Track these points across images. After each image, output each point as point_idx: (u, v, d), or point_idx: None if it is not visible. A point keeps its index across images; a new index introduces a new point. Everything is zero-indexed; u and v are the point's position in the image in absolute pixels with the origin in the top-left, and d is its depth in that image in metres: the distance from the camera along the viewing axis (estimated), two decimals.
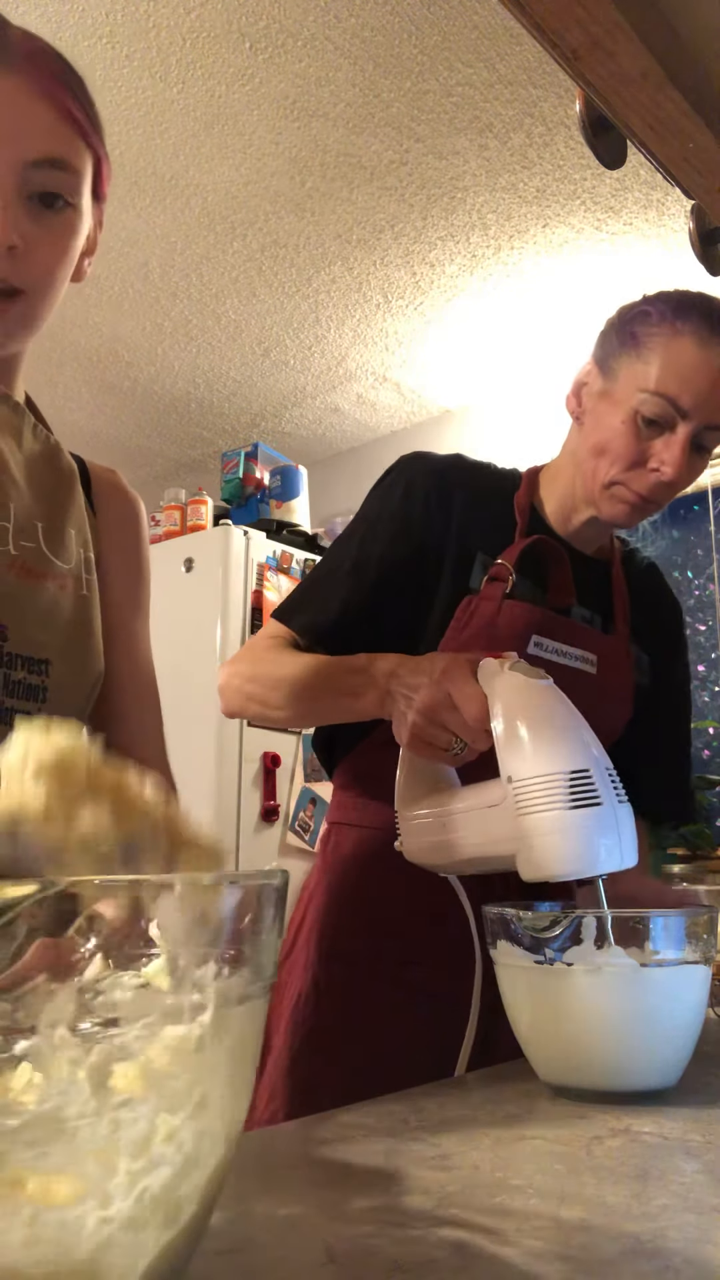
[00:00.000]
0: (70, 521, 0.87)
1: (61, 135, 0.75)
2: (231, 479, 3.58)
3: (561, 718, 0.81)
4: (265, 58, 2.27)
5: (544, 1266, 0.41)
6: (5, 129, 0.72)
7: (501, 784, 0.80)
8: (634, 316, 1.09)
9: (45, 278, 0.77)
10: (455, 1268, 0.41)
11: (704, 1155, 0.57)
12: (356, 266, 3.03)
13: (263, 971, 0.39)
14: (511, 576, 1.07)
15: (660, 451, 1.05)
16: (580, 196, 2.71)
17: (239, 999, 0.37)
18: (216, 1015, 0.35)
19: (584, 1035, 0.71)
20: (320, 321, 3.32)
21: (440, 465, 1.16)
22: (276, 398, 3.83)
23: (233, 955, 0.37)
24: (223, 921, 0.37)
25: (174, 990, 0.35)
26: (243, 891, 0.37)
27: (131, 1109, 0.32)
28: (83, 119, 0.77)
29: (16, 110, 0.72)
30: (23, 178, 0.73)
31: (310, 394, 3.81)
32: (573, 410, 1.15)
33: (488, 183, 2.67)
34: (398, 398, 3.84)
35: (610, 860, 0.76)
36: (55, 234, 0.76)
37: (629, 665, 1.17)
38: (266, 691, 1.06)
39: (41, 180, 0.74)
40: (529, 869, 0.78)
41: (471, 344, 3.45)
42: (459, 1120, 0.66)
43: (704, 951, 0.73)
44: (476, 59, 2.26)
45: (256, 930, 0.38)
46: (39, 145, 0.73)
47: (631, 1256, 0.42)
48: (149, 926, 0.35)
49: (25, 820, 0.39)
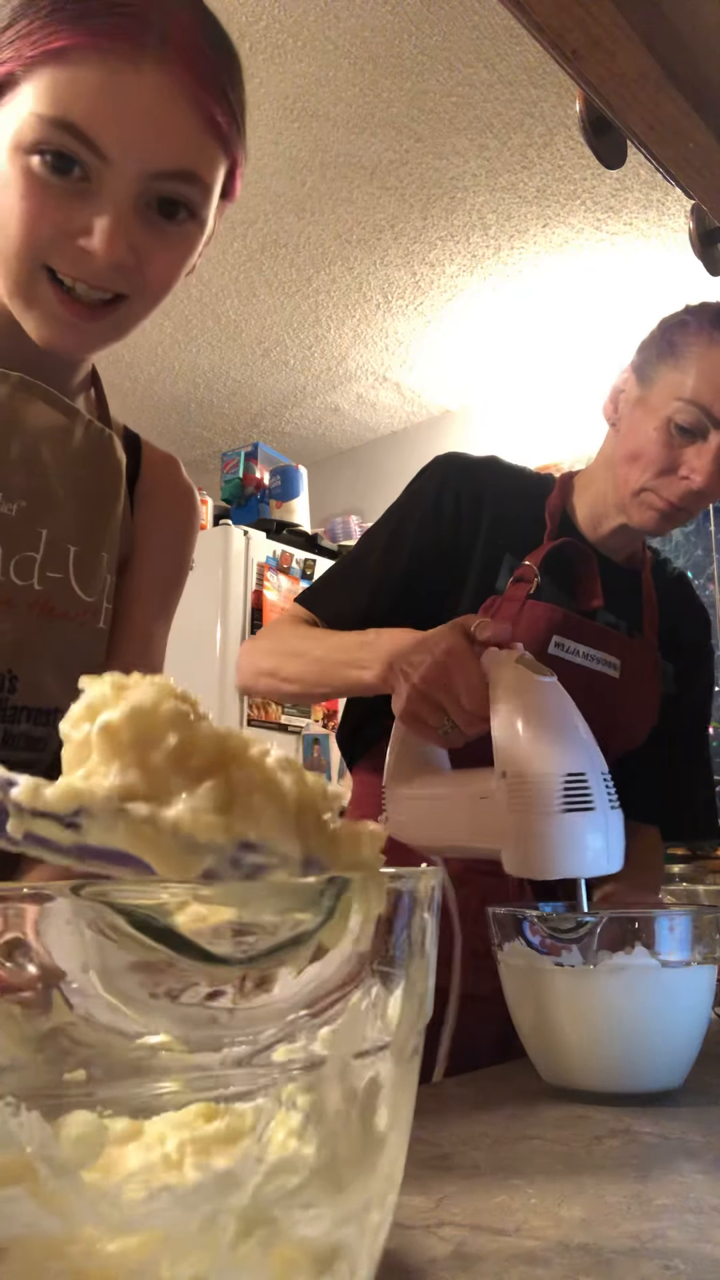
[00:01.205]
0: (105, 543, 0.82)
1: (198, 146, 0.68)
2: (231, 479, 3.58)
3: (562, 717, 0.80)
4: (265, 58, 2.27)
5: (544, 1266, 0.41)
6: (135, 135, 0.64)
7: (495, 776, 0.80)
8: (673, 326, 1.11)
9: (151, 288, 0.72)
10: (455, 1268, 0.41)
11: (704, 1155, 0.57)
12: (356, 266, 3.03)
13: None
14: (537, 578, 1.08)
15: (692, 460, 1.06)
16: (580, 196, 2.71)
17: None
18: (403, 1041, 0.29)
19: (595, 1037, 0.71)
20: (320, 321, 3.32)
21: (475, 465, 1.17)
22: (276, 398, 3.84)
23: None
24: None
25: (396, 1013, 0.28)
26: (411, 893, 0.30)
27: (384, 1152, 0.26)
28: (226, 126, 0.69)
29: (153, 116, 0.64)
30: (145, 187, 0.66)
31: (310, 394, 3.81)
32: (609, 416, 1.16)
33: (488, 183, 2.67)
34: (398, 398, 3.84)
35: (597, 864, 0.76)
36: (170, 245, 0.71)
37: (655, 672, 1.17)
38: (279, 663, 1.07)
39: (166, 191, 0.67)
40: (514, 866, 0.78)
41: (471, 344, 3.45)
42: (459, 1120, 0.66)
43: (710, 952, 0.73)
44: (476, 59, 2.26)
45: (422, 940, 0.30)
46: (170, 157, 0.66)
47: (632, 1256, 0.42)
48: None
49: (92, 804, 0.28)
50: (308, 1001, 0.25)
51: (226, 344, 3.45)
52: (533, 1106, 0.70)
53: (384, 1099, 0.27)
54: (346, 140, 2.51)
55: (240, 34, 2.20)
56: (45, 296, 0.68)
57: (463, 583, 1.11)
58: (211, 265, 3.00)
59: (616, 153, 1.02)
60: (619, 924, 0.71)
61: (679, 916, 0.72)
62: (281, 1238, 0.24)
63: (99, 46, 0.62)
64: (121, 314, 0.72)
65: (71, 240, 0.66)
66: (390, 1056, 0.27)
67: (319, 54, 2.26)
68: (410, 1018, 0.28)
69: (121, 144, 0.64)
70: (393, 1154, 0.27)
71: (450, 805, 0.86)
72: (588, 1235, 0.44)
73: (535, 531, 1.13)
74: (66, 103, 0.62)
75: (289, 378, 3.68)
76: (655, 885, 1.30)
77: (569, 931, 0.71)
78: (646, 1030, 0.71)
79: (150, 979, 0.23)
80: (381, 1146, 0.26)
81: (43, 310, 0.69)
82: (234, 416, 3.98)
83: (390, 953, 0.27)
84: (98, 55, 0.62)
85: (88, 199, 0.65)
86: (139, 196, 0.67)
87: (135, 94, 0.63)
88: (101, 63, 0.62)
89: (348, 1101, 0.25)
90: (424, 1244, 0.43)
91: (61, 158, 0.63)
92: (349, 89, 2.36)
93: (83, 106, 0.62)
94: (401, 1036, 0.28)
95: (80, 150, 0.63)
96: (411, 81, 2.33)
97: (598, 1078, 0.72)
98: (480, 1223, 0.46)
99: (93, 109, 0.62)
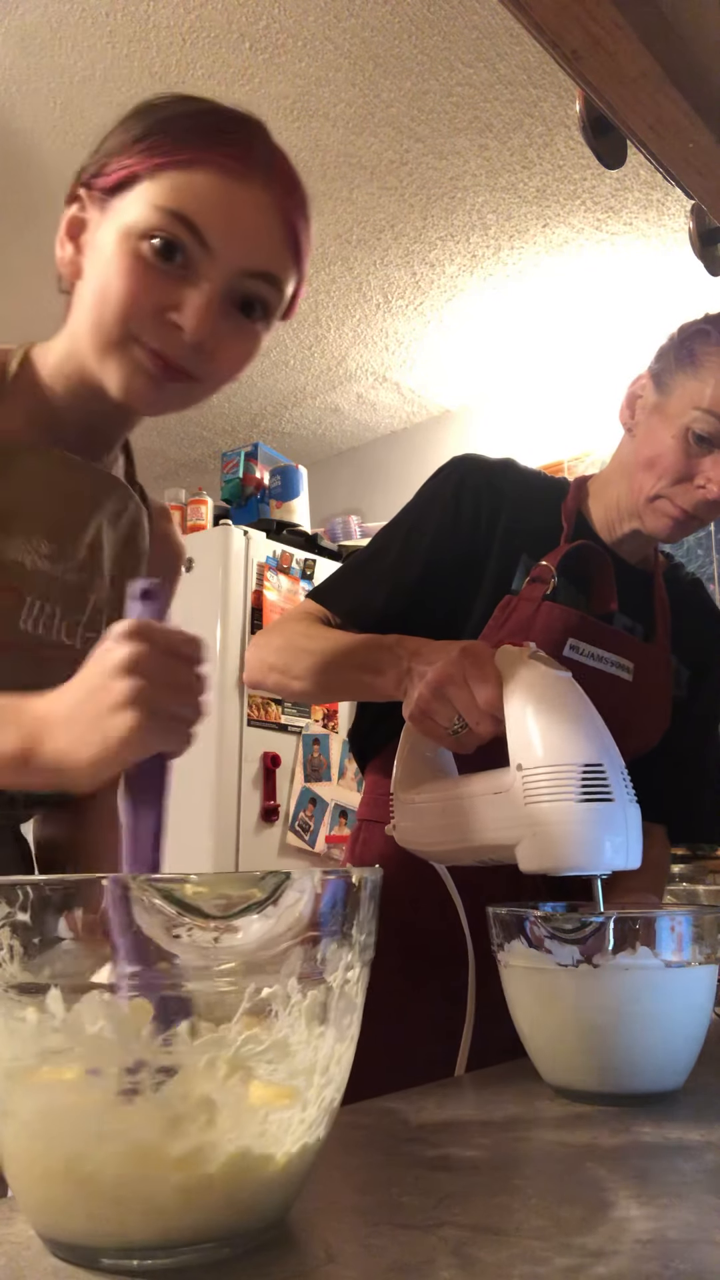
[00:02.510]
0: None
1: (282, 255, 0.79)
2: (231, 479, 3.57)
3: (578, 710, 0.79)
4: (265, 58, 2.27)
5: (544, 1266, 0.41)
6: (238, 235, 0.75)
7: (510, 771, 0.79)
8: (693, 334, 1.11)
9: (217, 374, 0.80)
10: (455, 1267, 0.41)
11: (704, 1155, 0.57)
12: (356, 266, 3.03)
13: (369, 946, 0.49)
14: (553, 579, 1.08)
15: (708, 469, 1.06)
16: (580, 196, 2.71)
17: (363, 964, 0.48)
18: (360, 973, 0.47)
19: (599, 1038, 0.71)
20: (320, 321, 3.32)
21: (493, 466, 1.17)
22: (276, 398, 3.84)
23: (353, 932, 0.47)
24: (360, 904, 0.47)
25: (345, 950, 0.46)
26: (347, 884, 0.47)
27: (324, 1039, 0.44)
28: (304, 245, 0.81)
29: (254, 222, 0.76)
30: (235, 283, 0.76)
31: (310, 394, 3.81)
32: (625, 421, 1.16)
33: (488, 183, 2.67)
34: (398, 398, 3.84)
35: (616, 858, 0.75)
36: (243, 339, 0.79)
37: (668, 676, 1.17)
38: (290, 661, 1.06)
39: (250, 289, 0.77)
40: (530, 859, 0.77)
41: (471, 344, 3.45)
42: (459, 1120, 0.66)
43: (711, 952, 0.73)
44: (476, 59, 2.26)
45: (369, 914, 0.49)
46: (262, 259, 0.77)
47: (632, 1257, 0.42)
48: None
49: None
50: (261, 944, 0.42)
51: None
52: (533, 1106, 0.70)
53: (318, 1006, 0.44)
54: (346, 140, 2.51)
55: (240, 34, 2.20)
56: (134, 352, 0.76)
57: (479, 582, 1.11)
58: None
59: (616, 153, 1.02)
60: (620, 924, 0.71)
61: (680, 916, 0.72)
62: (254, 1078, 0.42)
63: (218, 161, 0.75)
64: (190, 388, 0.80)
65: (164, 315, 0.75)
66: (324, 982, 0.44)
67: (319, 54, 2.26)
68: (335, 962, 0.45)
69: (226, 239, 0.75)
70: (330, 1041, 0.45)
71: (463, 805, 0.85)
72: (588, 1235, 0.44)
73: (551, 534, 1.13)
74: (184, 199, 0.74)
75: (289, 378, 3.68)
76: (662, 884, 1.30)
77: (571, 932, 0.71)
78: (647, 1030, 0.71)
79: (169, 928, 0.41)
80: (321, 1036, 0.44)
81: (130, 363, 0.76)
82: (234, 416, 3.98)
83: (317, 920, 0.44)
84: (216, 168, 0.74)
85: (184, 284, 0.75)
86: (228, 290, 0.76)
87: (242, 201, 0.75)
88: (218, 173, 0.74)
89: (293, 1005, 0.43)
90: (424, 1244, 0.43)
91: (169, 246, 0.74)
92: (349, 89, 2.36)
93: (198, 204, 0.74)
94: (331, 971, 0.45)
95: (188, 239, 0.74)
96: (411, 81, 2.33)
97: (598, 1078, 0.72)
98: (480, 1223, 0.46)
99: (206, 207, 0.74)
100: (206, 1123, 0.40)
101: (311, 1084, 0.44)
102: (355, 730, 1.21)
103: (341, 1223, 0.47)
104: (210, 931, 0.41)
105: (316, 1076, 0.44)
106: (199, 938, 0.41)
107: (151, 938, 0.40)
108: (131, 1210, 0.40)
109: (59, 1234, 0.42)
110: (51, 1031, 0.40)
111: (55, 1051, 0.40)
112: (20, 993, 0.41)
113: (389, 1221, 0.46)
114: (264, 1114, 0.42)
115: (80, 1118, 0.40)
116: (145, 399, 0.78)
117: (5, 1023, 0.41)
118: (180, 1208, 0.40)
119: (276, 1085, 0.42)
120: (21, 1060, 0.41)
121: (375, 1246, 0.43)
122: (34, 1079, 0.41)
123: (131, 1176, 0.40)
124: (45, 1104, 0.41)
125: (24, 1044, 0.41)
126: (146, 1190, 0.40)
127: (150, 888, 0.40)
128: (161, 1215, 0.40)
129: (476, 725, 0.83)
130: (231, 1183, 0.41)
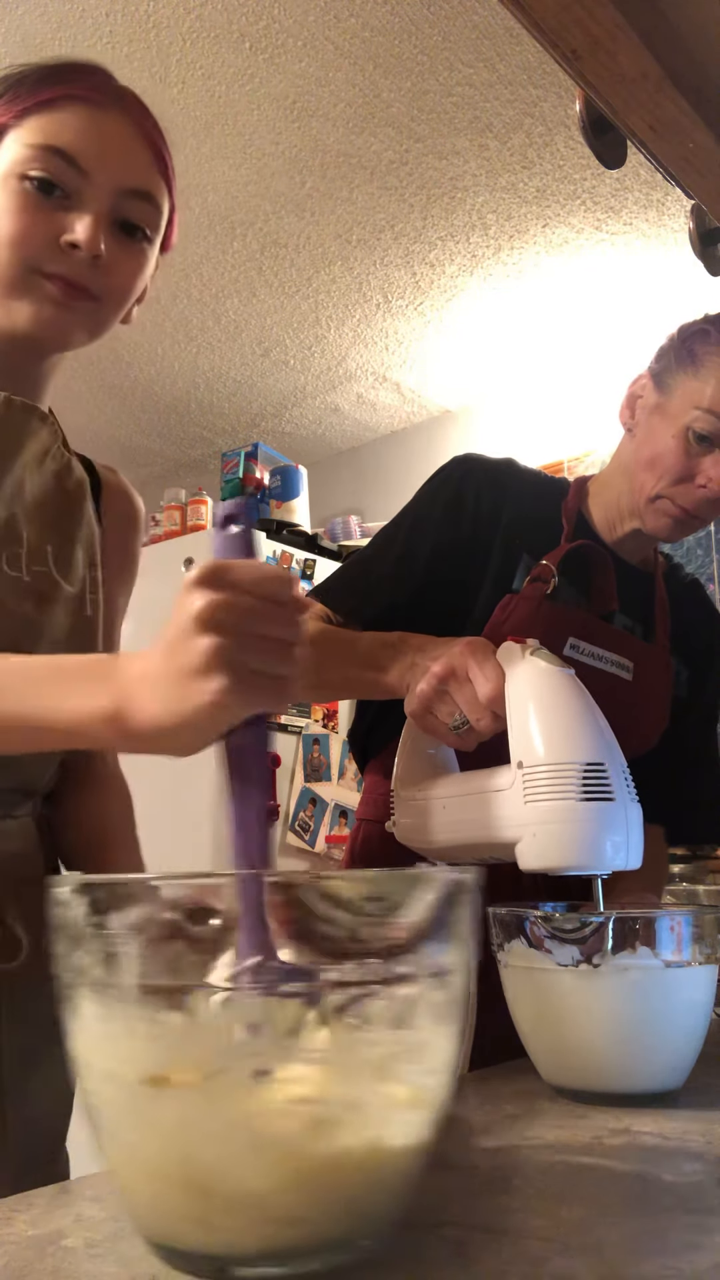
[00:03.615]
0: (79, 542, 0.91)
1: (153, 174, 0.85)
2: (231, 479, 3.57)
3: (580, 708, 0.79)
4: (265, 58, 2.27)
5: (544, 1266, 0.41)
6: (110, 157, 0.81)
7: (510, 769, 0.79)
8: (693, 335, 1.11)
9: (117, 292, 0.85)
10: (455, 1267, 0.41)
11: (704, 1155, 0.57)
12: (356, 266, 3.03)
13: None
14: (554, 579, 1.08)
15: (709, 468, 1.07)
16: (580, 196, 2.71)
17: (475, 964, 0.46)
18: (473, 974, 0.45)
19: (599, 1038, 0.71)
20: (320, 321, 3.32)
21: (495, 465, 1.17)
22: (276, 398, 3.83)
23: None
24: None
25: (463, 950, 0.45)
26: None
27: (450, 1039, 0.44)
28: (170, 167, 0.87)
29: (120, 143, 0.82)
30: (115, 203, 0.82)
31: (310, 394, 3.81)
32: (625, 422, 1.16)
33: (488, 183, 2.67)
34: (398, 398, 3.83)
35: (616, 858, 0.75)
36: (132, 259, 0.85)
37: (668, 675, 1.18)
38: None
39: (129, 209, 0.83)
40: (530, 857, 0.77)
41: (471, 344, 3.45)
42: (459, 1120, 0.66)
43: (711, 952, 0.73)
44: (476, 59, 2.26)
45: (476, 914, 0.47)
46: (135, 177, 0.83)
47: (632, 1257, 0.42)
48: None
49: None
50: (403, 942, 0.41)
51: (226, 344, 3.44)
52: (533, 1106, 0.70)
53: (446, 1005, 0.42)
54: (346, 140, 2.51)
55: (240, 34, 2.20)
56: (38, 285, 0.81)
57: (480, 582, 1.11)
58: (211, 265, 3.00)
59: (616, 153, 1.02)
60: (621, 924, 0.71)
61: (680, 916, 0.72)
62: (392, 1078, 0.41)
63: (79, 95, 0.81)
64: (95, 309, 0.84)
65: (56, 241, 0.80)
66: (450, 982, 0.43)
67: (319, 54, 2.26)
68: (458, 962, 0.44)
69: (99, 162, 0.81)
70: (454, 1042, 0.44)
71: (462, 803, 0.85)
72: (588, 1235, 0.44)
73: (552, 533, 1.14)
74: (53, 133, 0.80)
75: (289, 378, 3.68)
76: (662, 883, 1.30)
77: (571, 932, 0.71)
78: (647, 1030, 0.71)
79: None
80: (448, 1037, 0.43)
81: (36, 296, 0.81)
82: (234, 416, 3.98)
83: (445, 918, 0.43)
84: (79, 101, 0.81)
85: (70, 212, 0.80)
86: (111, 210, 0.82)
87: (108, 127, 0.82)
88: (81, 105, 0.81)
89: (426, 1005, 0.41)
90: (424, 1244, 0.43)
91: (47, 181, 0.79)
92: (349, 89, 2.36)
93: (68, 135, 0.80)
94: (455, 971, 0.43)
95: (65, 170, 0.79)
96: (411, 81, 2.33)
97: (598, 1078, 0.72)
98: (480, 1223, 0.46)
99: (76, 136, 0.80)
100: (352, 1123, 0.39)
101: (441, 1084, 0.43)
102: (355, 730, 1.21)
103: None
104: (365, 929, 0.40)
105: (443, 1076, 0.43)
106: (348, 936, 0.39)
107: (302, 935, 0.39)
108: (253, 1215, 0.38)
109: (178, 1243, 0.40)
110: (185, 1036, 0.39)
111: (190, 1055, 0.39)
112: (156, 995, 0.39)
113: None
114: (399, 1115, 0.41)
115: (217, 1123, 0.38)
116: (56, 326, 0.82)
117: (147, 1027, 0.39)
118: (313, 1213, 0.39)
119: (411, 1085, 0.42)
120: (155, 1066, 0.39)
121: (375, 1246, 0.43)
122: (167, 1084, 0.39)
123: (263, 1180, 0.38)
124: (179, 1112, 0.39)
125: (164, 1050, 0.39)
126: (274, 1194, 0.38)
127: (308, 887, 0.39)
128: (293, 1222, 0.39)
129: (477, 721, 0.83)
130: (362, 1186, 0.40)
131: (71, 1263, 0.42)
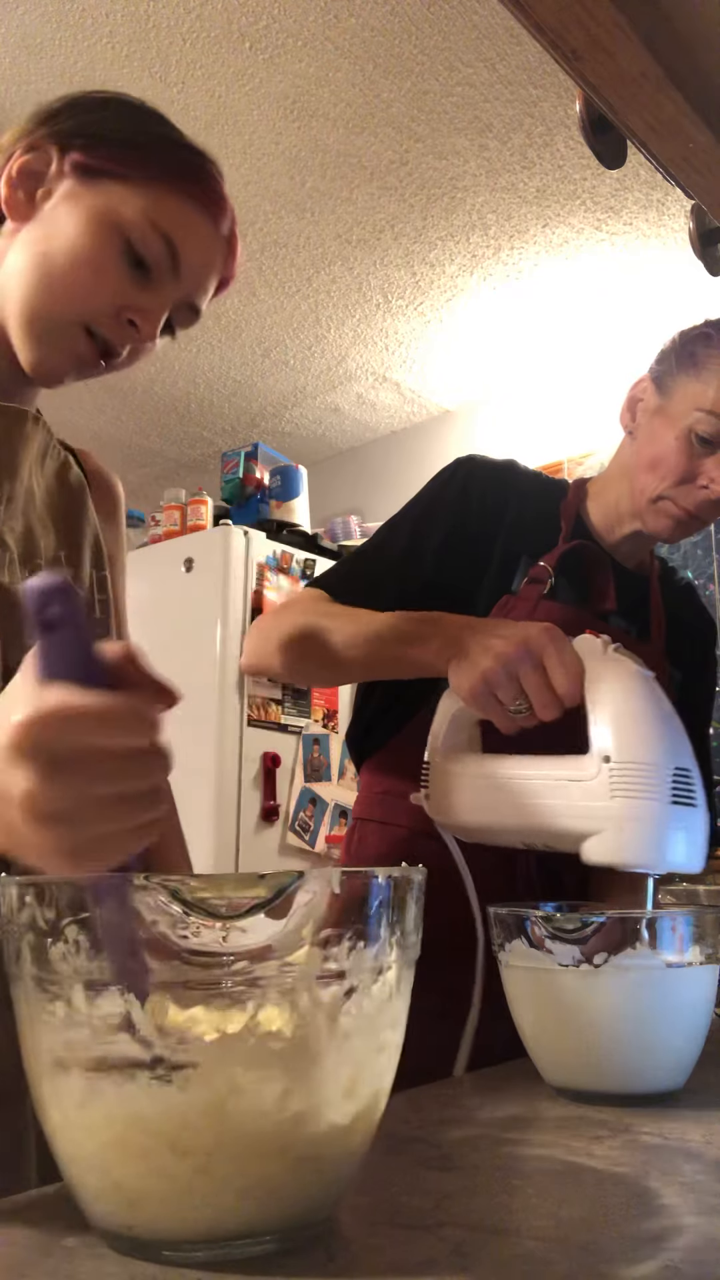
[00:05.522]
0: (86, 544, 0.91)
1: (209, 295, 0.88)
2: (231, 479, 3.57)
3: (669, 713, 0.81)
4: (265, 58, 2.27)
5: (544, 1266, 0.41)
6: (199, 270, 0.84)
7: (593, 761, 0.79)
8: (694, 338, 1.12)
9: (123, 367, 0.87)
10: (455, 1268, 0.41)
11: (705, 1155, 0.57)
12: (356, 266, 3.03)
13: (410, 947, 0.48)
14: (550, 578, 1.08)
15: (711, 469, 1.07)
16: (580, 196, 2.71)
17: (403, 964, 0.47)
18: (399, 973, 0.46)
19: (600, 1038, 0.71)
20: (320, 321, 3.32)
21: (498, 466, 1.18)
22: (276, 398, 3.83)
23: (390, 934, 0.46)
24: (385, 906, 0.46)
25: (373, 950, 0.44)
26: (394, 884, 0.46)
27: (348, 1040, 0.43)
28: (234, 269, 0.90)
29: (211, 262, 0.85)
30: (177, 305, 0.85)
31: (310, 394, 3.81)
32: (625, 424, 1.17)
33: (488, 183, 2.67)
34: (398, 398, 3.84)
35: (691, 862, 0.77)
36: (153, 350, 0.88)
37: (663, 678, 1.18)
38: (309, 639, 1.02)
39: (181, 316, 0.86)
40: (604, 851, 0.77)
41: (471, 344, 3.45)
42: (459, 1120, 0.66)
43: (712, 952, 0.73)
44: (476, 59, 2.26)
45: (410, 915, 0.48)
46: (202, 295, 0.86)
47: (632, 1257, 0.42)
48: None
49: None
50: (272, 944, 0.41)
51: (226, 344, 3.45)
52: (533, 1106, 0.70)
53: (335, 1006, 0.42)
54: (346, 140, 2.51)
55: (240, 34, 2.20)
56: (75, 337, 0.81)
57: (480, 581, 1.11)
58: None
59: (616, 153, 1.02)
60: (621, 924, 0.71)
61: (680, 916, 0.72)
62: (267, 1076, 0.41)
63: (201, 197, 0.83)
64: (99, 373, 0.86)
65: (121, 314, 0.81)
66: (346, 982, 0.43)
67: (319, 54, 2.26)
68: (358, 961, 0.43)
69: (190, 270, 0.83)
70: (355, 1041, 0.43)
71: (529, 785, 0.83)
72: (588, 1235, 0.44)
73: (551, 534, 1.14)
74: (173, 222, 0.81)
75: (289, 378, 3.68)
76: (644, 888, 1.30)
77: (572, 932, 0.71)
78: (648, 1031, 0.71)
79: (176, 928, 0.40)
80: (346, 1038, 0.43)
81: (65, 346, 0.81)
82: (234, 416, 3.98)
83: (339, 919, 0.42)
84: (198, 202, 0.83)
85: (144, 291, 0.82)
86: (171, 309, 0.85)
87: (210, 241, 0.84)
88: (199, 208, 0.83)
89: (314, 1006, 0.42)
90: (424, 1244, 0.43)
91: (142, 260, 0.80)
92: (349, 89, 2.36)
93: (183, 232, 0.82)
94: (356, 972, 0.43)
95: (163, 259, 0.81)
96: (411, 81, 2.33)
97: (599, 1078, 0.72)
98: (480, 1223, 0.46)
99: (187, 236, 0.82)
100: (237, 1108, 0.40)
101: (339, 1086, 0.43)
102: (353, 730, 1.21)
103: (340, 1223, 0.47)
104: (217, 931, 0.40)
105: (343, 1079, 0.43)
106: (206, 937, 0.40)
107: (159, 936, 0.40)
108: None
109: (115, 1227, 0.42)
110: (76, 1025, 0.41)
111: (83, 1045, 0.41)
112: (46, 988, 0.41)
113: (389, 1221, 0.46)
114: (292, 1100, 0.41)
115: (122, 1107, 0.40)
116: (56, 377, 0.83)
117: (46, 1018, 0.42)
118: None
119: (288, 1070, 0.41)
120: (57, 1056, 0.42)
121: (375, 1246, 0.43)
122: (68, 1075, 0.42)
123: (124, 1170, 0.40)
124: (80, 1101, 0.41)
125: (61, 1041, 0.42)
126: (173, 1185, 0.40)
127: (159, 888, 0.39)
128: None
129: (542, 710, 0.81)
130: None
131: (71, 1263, 0.42)
